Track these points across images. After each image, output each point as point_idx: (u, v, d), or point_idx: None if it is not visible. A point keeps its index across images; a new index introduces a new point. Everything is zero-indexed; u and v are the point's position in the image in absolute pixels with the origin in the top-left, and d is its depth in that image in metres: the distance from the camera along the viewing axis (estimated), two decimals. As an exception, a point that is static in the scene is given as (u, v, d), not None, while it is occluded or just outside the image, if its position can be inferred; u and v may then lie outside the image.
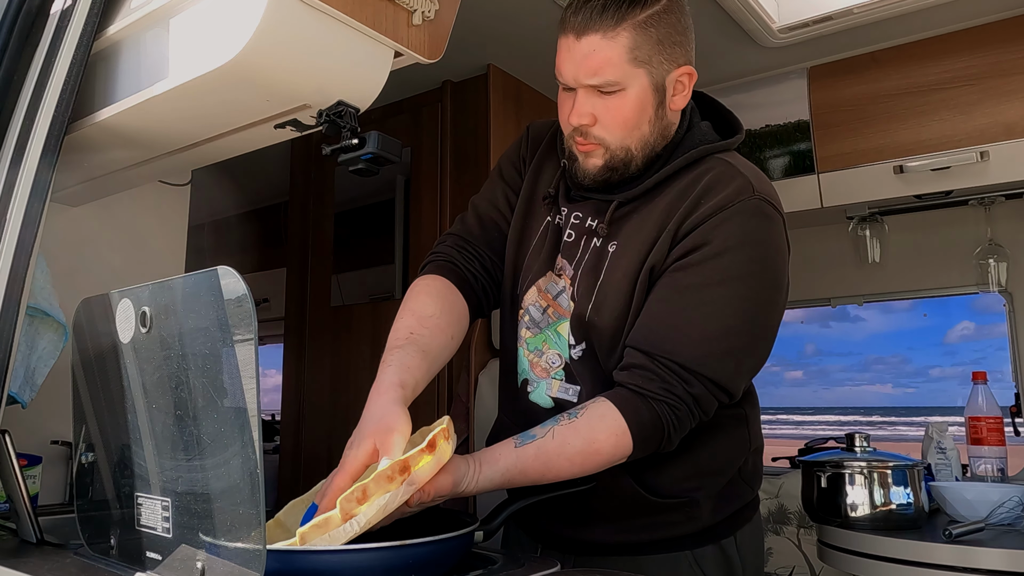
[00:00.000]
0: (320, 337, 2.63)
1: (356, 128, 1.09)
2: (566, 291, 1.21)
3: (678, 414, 1.07)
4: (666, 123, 1.18)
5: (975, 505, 1.62)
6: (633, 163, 1.16)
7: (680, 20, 1.15)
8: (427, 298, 1.22)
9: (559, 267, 1.23)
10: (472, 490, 1.02)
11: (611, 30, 1.09)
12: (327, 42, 1.02)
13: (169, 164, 1.39)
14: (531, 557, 1.03)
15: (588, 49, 1.10)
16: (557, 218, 1.25)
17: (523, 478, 1.05)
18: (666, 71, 1.14)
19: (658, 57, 1.12)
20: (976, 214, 2.30)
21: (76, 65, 1.14)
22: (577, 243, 1.21)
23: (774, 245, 1.13)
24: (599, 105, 1.13)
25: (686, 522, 1.20)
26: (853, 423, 31.66)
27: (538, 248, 1.25)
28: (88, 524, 1.02)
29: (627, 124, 1.14)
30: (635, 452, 1.07)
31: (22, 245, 1.09)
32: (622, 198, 1.18)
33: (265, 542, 0.71)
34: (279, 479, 2.73)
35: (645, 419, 1.06)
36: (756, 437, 1.28)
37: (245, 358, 0.74)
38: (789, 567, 2.36)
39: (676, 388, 1.07)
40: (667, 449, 1.10)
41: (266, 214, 3.64)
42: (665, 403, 1.07)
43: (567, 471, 1.05)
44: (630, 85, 1.12)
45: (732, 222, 1.10)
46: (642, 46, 1.10)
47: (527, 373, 1.24)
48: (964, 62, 2.05)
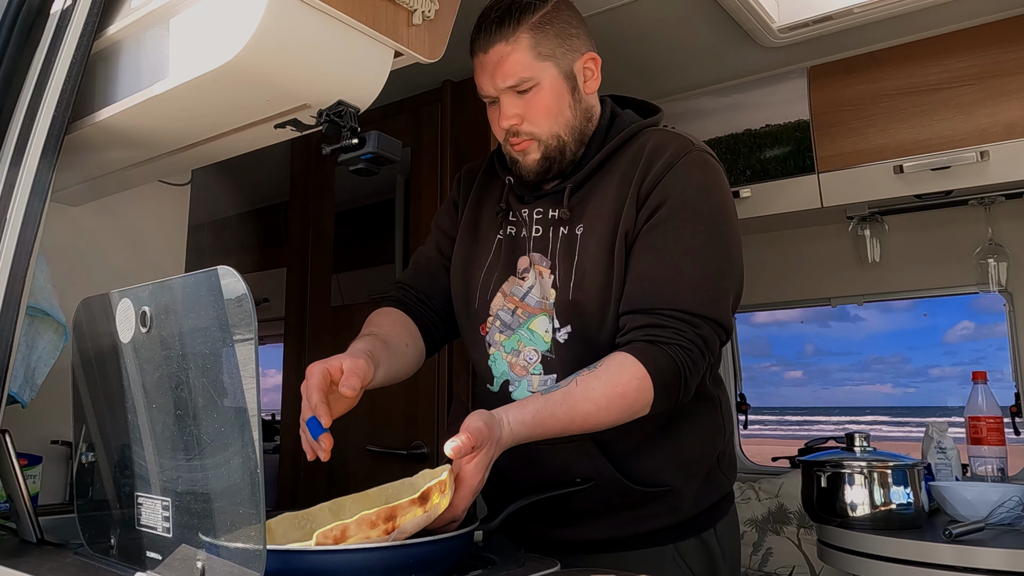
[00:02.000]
0: (320, 337, 2.63)
1: (356, 128, 1.09)
2: (536, 287, 1.27)
3: (692, 357, 1.12)
4: (586, 106, 1.29)
5: (975, 505, 1.62)
6: (567, 149, 1.27)
7: (572, 15, 1.28)
8: (380, 317, 1.37)
9: (522, 269, 1.29)
10: (506, 435, 1.02)
11: (512, 35, 1.23)
12: (327, 42, 1.02)
13: (169, 164, 1.39)
14: (531, 557, 1.03)
15: (497, 58, 1.23)
16: (510, 228, 1.33)
17: (553, 422, 1.07)
18: (571, 60, 1.26)
19: (560, 49, 1.25)
20: (976, 214, 2.30)
21: (76, 65, 1.14)
22: (547, 236, 1.28)
23: (723, 187, 1.26)
24: (521, 104, 1.25)
25: (668, 513, 1.22)
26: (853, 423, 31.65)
27: (493, 263, 1.33)
28: (88, 524, 1.02)
29: (550, 113, 1.25)
30: (657, 399, 1.11)
31: (22, 245, 1.09)
32: (573, 183, 1.28)
33: (265, 542, 0.71)
34: (279, 479, 2.73)
35: (663, 364, 1.10)
36: (729, 422, 1.32)
37: (245, 358, 0.74)
38: (789, 567, 2.36)
39: (686, 332, 1.12)
40: (685, 399, 1.15)
41: (266, 214, 3.63)
42: (678, 346, 1.12)
43: (594, 415, 1.09)
44: (542, 78, 1.24)
45: (684, 174, 1.21)
46: (543, 43, 1.23)
47: (507, 374, 1.28)
48: (964, 62, 2.05)
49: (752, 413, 2.78)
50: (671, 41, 2.14)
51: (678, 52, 2.21)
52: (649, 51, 2.20)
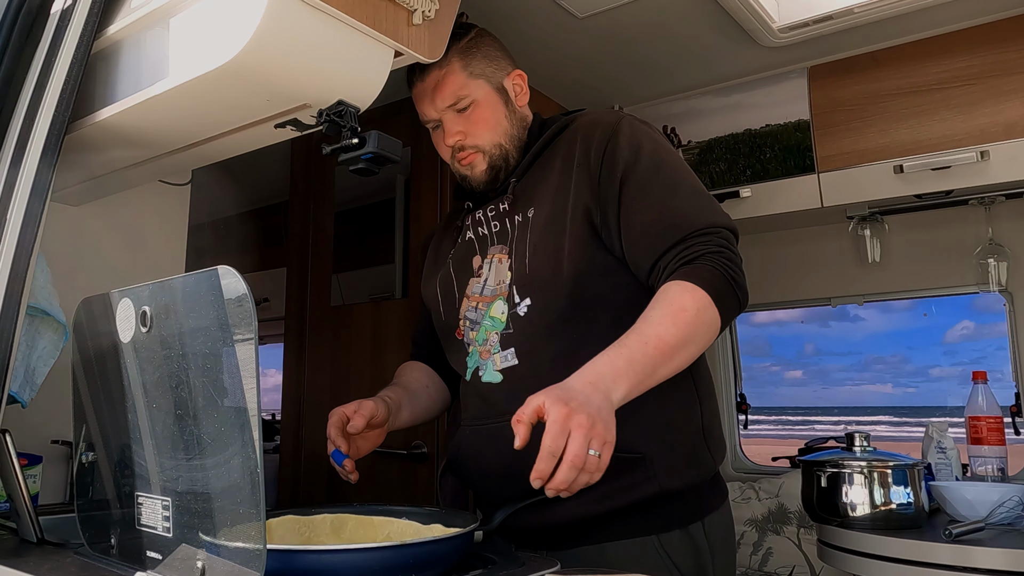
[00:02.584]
0: (320, 337, 2.63)
1: (356, 128, 1.09)
2: (491, 276, 1.35)
3: (727, 257, 1.17)
4: (520, 116, 1.41)
5: (975, 505, 1.62)
6: (510, 155, 1.38)
7: (492, 41, 1.42)
8: (403, 369, 1.56)
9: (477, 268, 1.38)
10: (581, 386, 1.03)
11: (444, 62, 1.32)
12: (327, 42, 1.02)
13: (169, 164, 1.39)
14: (531, 557, 1.03)
15: (433, 82, 1.36)
16: (467, 235, 1.43)
17: (630, 353, 1.08)
18: (500, 77, 1.39)
19: (489, 68, 1.38)
20: (976, 214, 2.30)
21: (76, 65, 1.14)
22: (505, 228, 1.36)
23: (658, 134, 1.36)
24: (462, 121, 1.37)
25: (644, 483, 1.20)
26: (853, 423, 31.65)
27: (447, 274, 1.43)
28: (88, 524, 1.02)
29: (489, 125, 1.37)
30: (721, 307, 1.14)
31: (22, 245, 1.09)
32: (516, 175, 1.38)
33: (265, 541, 0.71)
34: (279, 479, 2.73)
35: (705, 274, 1.15)
36: (708, 396, 1.33)
37: (245, 358, 0.74)
38: (789, 567, 2.36)
39: (711, 242, 1.18)
40: (745, 300, 1.20)
41: (266, 214, 3.63)
42: (709, 254, 1.17)
43: (666, 337, 1.10)
44: (477, 95, 1.36)
45: (625, 132, 1.29)
46: (472, 63, 1.36)
47: (477, 362, 1.34)
48: (964, 62, 2.05)
49: (752, 413, 2.78)
50: (671, 41, 2.14)
51: (678, 52, 2.21)
52: (649, 51, 2.20)
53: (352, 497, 2.29)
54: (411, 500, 2.15)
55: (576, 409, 0.98)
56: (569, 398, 1.00)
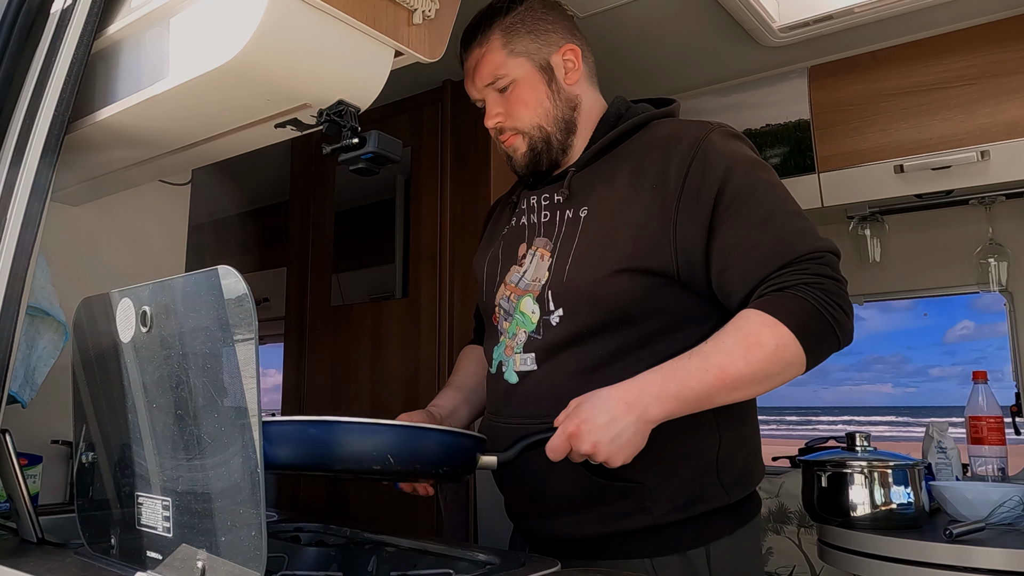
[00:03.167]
0: (320, 337, 2.63)
1: (356, 127, 1.09)
2: (531, 270, 1.29)
3: (824, 288, 1.07)
4: (567, 96, 1.32)
5: (975, 505, 1.62)
6: (553, 138, 1.31)
7: (547, 12, 1.33)
8: (461, 360, 1.55)
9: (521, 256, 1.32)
10: (655, 404, 1.05)
11: (484, 40, 1.31)
12: (327, 42, 1.02)
13: (169, 164, 1.39)
14: (531, 557, 1.03)
15: (474, 62, 1.32)
16: (518, 219, 1.37)
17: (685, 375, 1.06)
18: (547, 54, 1.31)
19: (535, 44, 1.30)
20: (976, 213, 2.29)
21: (76, 65, 1.14)
22: (553, 220, 1.29)
23: (753, 150, 1.24)
24: (501, 101, 1.31)
25: (637, 513, 1.15)
26: (853, 422, 31.64)
27: (495, 256, 1.39)
28: (88, 524, 1.02)
29: (528, 106, 1.30)
30: (806, 344, 1.05)
31: (22, 245, 1.09)
32: (576, 165, 1.30)
33: (265, 541, 0.71)
34: (279, 479, 2.73)
35: (789, 305, 1.06)
36: (732, 423, 1.21)
37: (245, 357, 0.74)
38: (789, 567, 2.36)
39: (808, 269, 1.08)
40: (846, 337, 1.09)
41: (266, 213, 3.63)
42: (803, 285, 1.07)
43: (731, 367, 1.05)
44: (517, 74, 1.29)
45: (714, 150, 1.18)
46: (514, 40, 1.30)
47: (502, 356, 1.30)
48: (964, 61, 2.05)
49: (752, 413, 2.78)
50: (671, 41, 2.14)
51: (678, 52, 2.21)
52: (649, 51, 2.20)
53: (353, 497, 2.29)
54: (411, 501, 2.15)
55: (584, 435, 1.04)
56: (586, 419, 1.04)
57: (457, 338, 2.17)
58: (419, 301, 2.28)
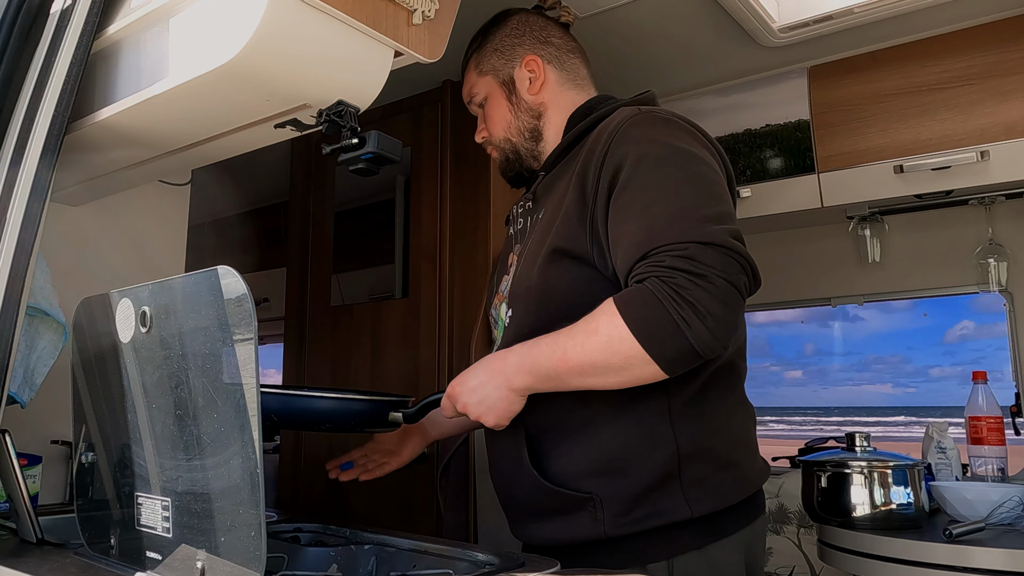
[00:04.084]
0: (320, 337, 2.63)
1: (356, 128, 1.09)
2: (511, 276, 1.33)
3: (674, 282, 0.98)
4: (528, 106, 1.37)
5: (975, 505, 1.62)
6: (521, 148, 1.38)
7: (516, 26, 1.40)
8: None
9: (510, 265, 1.35)
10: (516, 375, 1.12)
11: (467, 61, 1.44)
12: (327, 42, 1.02)
13: (169, 164, 1.39)
14: (531, 557, 1.03)
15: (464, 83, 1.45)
16: (510, 229, 1.43)
17: (538, 352, 1.11)
18: (511, 69, 1.37)
19: (499, 61, 1.38)
20: (976, 214, 2.30)
21: (76, 65, 1.14)
22: (525, 227, 1.35)
23: (681, 136, 1.15)
24: (483, 117, 1.42)
25: (590, 525, 1.12)
26: (853, 423, 31.64)
27: (495, 271, 1.45)
28: (88, 524, 1.02)
29: (494, 120, 1.39)
30: (642, 340, 0.99)
31: (22, 245, 1.09)
32: (544, 169, 1.35)
33: (265, 541, 0.71)
34: (279, 479, 2.73)
35: (632, 298, 1.01)
36: (694, 433, 1.14)
37: (245, 358, 0.74)
38: (789, 567, 2.36)
39: (662, 262, 1.01)
40: (700, 339, 0.97)
41: (266, 213, 3.62)
42: (653, 279, 1.00)
43: (572, 352, 1.06)
44: (487, 92, 1.39)
45: (630, 134, 1.15)
46: (483, 60, 1.40)
47: None
48: (964, 62, 2.05)
49: (752, 413, 2.78)
50: (671, 41, 2.14)
51: (678, 52, 2.21)
52: (649, 51, 2.20)
53: (353, 496, 2.29)
54: (411, 501, 2.15)
55: (458, 395, 1.17)
56: (461, 382, 1.17)
57: (457, 338, 2.17)
58: (419, 301, 2.28)
